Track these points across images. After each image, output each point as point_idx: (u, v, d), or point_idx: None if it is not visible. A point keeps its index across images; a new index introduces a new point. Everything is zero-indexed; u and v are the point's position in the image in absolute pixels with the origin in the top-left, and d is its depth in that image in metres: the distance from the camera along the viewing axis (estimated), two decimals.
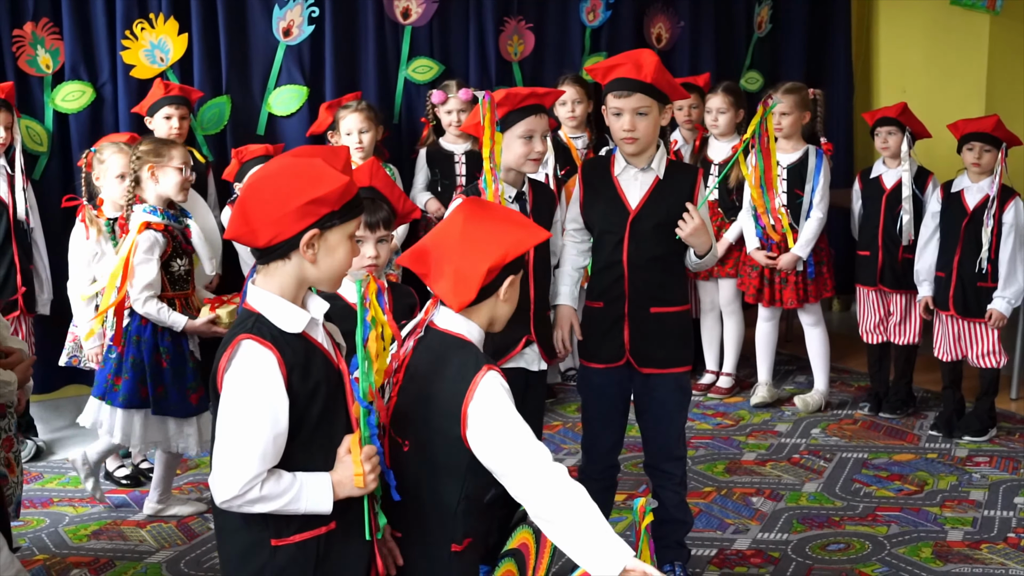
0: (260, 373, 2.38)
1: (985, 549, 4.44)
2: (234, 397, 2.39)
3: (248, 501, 2.38)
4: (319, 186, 2.39)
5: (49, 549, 4.50)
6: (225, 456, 2.38)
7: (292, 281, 2.47)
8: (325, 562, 2.51)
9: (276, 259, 2.45)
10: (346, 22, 6.31)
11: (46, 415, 5.92)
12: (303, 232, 2.41)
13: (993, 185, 5.39)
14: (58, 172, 5.78)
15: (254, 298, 2.48)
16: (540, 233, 2.80)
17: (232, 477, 2.36)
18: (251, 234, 2.43)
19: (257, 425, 2.37)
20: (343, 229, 2.47)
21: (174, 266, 4.47)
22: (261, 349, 2.39)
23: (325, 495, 2.44)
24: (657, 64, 3.79)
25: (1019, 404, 6.16)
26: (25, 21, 5.65)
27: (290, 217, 2.39)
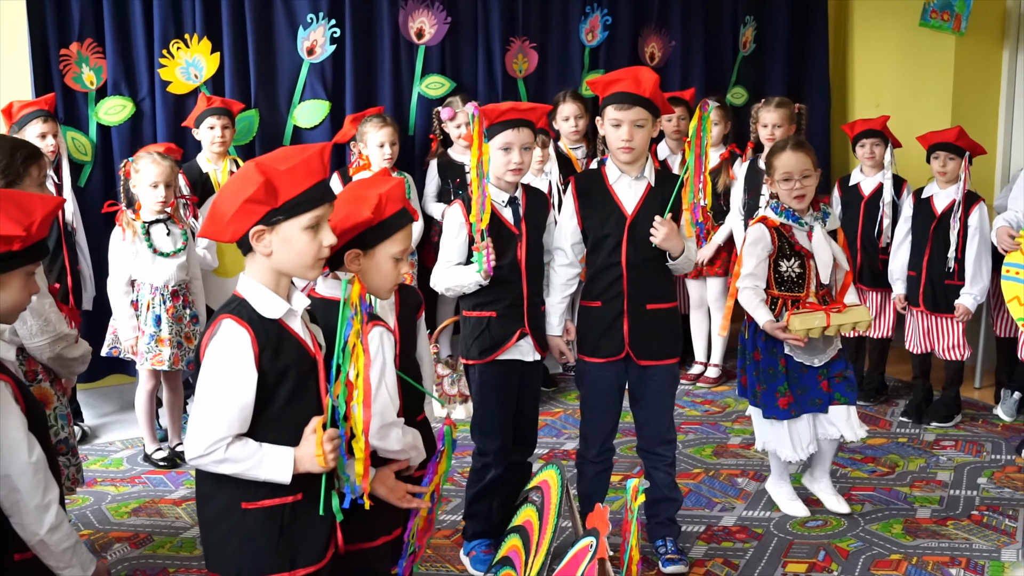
0: (234, 348, 2.45)
1: (951, 525, 4.45)
2: (210, 367, 2.47)
3: (214, 461, 2.45)
4: (246, 188, 2.44)
5: (93, 525, 4.52)
6: (198, 418, 2.46)
7: (266, 271, 2.53)
8: (289, 529, 2.56)
9: (248, 251, 2.53)
10: (365, 42, 6.31)
11: (92, 401, 5.93)
12: (250, 230, 2.48)
13: (959, 191, 5.41)
14: (101, 180, 5.78)
15: (242, 284, 2.55)
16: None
17: (201, 437, 2.44)
18: (218, 232, 2.53)
19: (227, 393, 2.45)
20: (295, 223, 2.49)
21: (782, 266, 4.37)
22: (238, 327, 2.46)
23: (285, 466, 2.49)
24: (656, 81, 3.81)
25: (982, 393, 6.15)
26: (71, 41, 5.66)
27: (235, 218, 2.46)
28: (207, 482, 2.56)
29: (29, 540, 2.44)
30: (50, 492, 2.45)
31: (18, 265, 2.47)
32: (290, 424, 2.53)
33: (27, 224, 2.42)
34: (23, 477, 2.39)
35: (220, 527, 2.57)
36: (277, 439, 2.52)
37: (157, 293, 4.95)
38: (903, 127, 6.17)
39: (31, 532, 2.43)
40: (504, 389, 3.96)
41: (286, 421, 2.53)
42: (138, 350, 4.97)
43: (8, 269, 2.45)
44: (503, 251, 3.84)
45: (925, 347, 5.67)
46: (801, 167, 4.24)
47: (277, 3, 6.07)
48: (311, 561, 2.60)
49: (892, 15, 7.39)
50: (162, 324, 4.95)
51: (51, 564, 2.49)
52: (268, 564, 2.55)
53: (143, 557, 4.23)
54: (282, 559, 2.56)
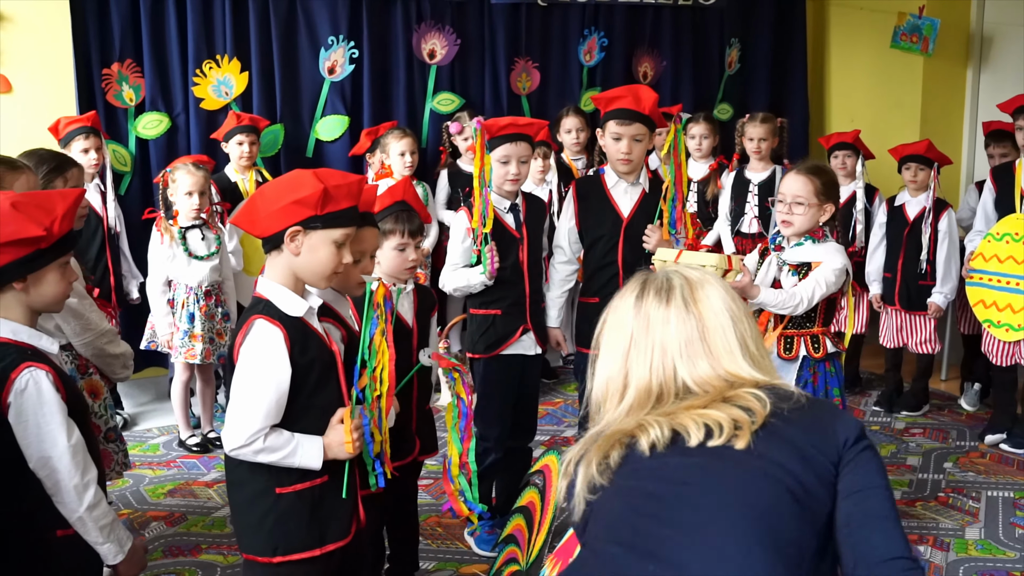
0: (270, 346, 2.46)
1: (920, 506, 4.43)
2: (248, 365, 2.47)
3: (253, 450, 2.46)
4: (300, 190, 2.46)
5: (132, 505, 4.51)
6: (237, 412, 2.46)
7: (287, 272, 2.54)
8: (319, 509, 2.58)
9: (273, 249, 2.53)
10: (381, 61, 6.30)
11: (131, 391, 5.92)
12: (288, 228, 2.48)
13: (929, 199, 5.40)
14: (140, 188, 5.78)
15: (263, 287, 2.56)
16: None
17: (241, 429, 2.44)
18: (251, 224, 2.53)
19: (265, 387, 2.46)
20: (327, 234, 2.52)
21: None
22: (271, 326, 2.47)
23: (317, 454, 2.52)
24: (655, 99, 3.83)
25: (948, 384, 6.13)
26: (112, 62, 5.66)
27: (278, 214, 2.47)
28: (240, 470, 2.55)
29: (70, 517, 2.43)
30: (88, 473, 2.44)
31: (50, 261, 2.45)
32: (315, 413, 2.56)
33: (49, 223, 2.41)
34: (62, 459, 2.38)
35: (254, 511, 2.57)
36: (303, 427, 2.53)
37: (192, 293, 4.95)
38: (876, 140, 6.15)
39: (71, 510, 2.42)
40: (506, 382, 3.95)
41: (312, 410, 2.55)
42: (173, 344, 4.97)
43: (42, 266, 2.44)
44: (506, 254, 3.84)
45: (898, 342, 5.66)
46: (792, 192, 3.63)
47: (301, 26, 6.07)
48: (339, 537, 2.62)
49: (865, 37, 7.39)
50: (195, 321, 4.95)
51: (90, 540, 2.48)
52: (300, 543, 2.56)
53: (178, 535, 4.22)
54: (313, 537, 2.57)
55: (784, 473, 1.72)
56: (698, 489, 1.73)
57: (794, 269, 3.56)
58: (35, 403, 2.36)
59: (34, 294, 2.45)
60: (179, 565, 3.96)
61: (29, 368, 2.36)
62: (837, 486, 1.74)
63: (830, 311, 3.63)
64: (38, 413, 2.36)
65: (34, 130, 5.24)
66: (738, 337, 1.86)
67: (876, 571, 1.68)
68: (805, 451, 1.74)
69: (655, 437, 1.77)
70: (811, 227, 3.61)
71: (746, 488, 1.72)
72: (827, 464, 1.74)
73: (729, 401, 1.79)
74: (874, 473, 1.75)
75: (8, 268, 2.38)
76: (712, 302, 1.87)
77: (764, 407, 1.77)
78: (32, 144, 5.11)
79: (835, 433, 1.76)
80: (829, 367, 3.59)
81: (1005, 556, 3.98)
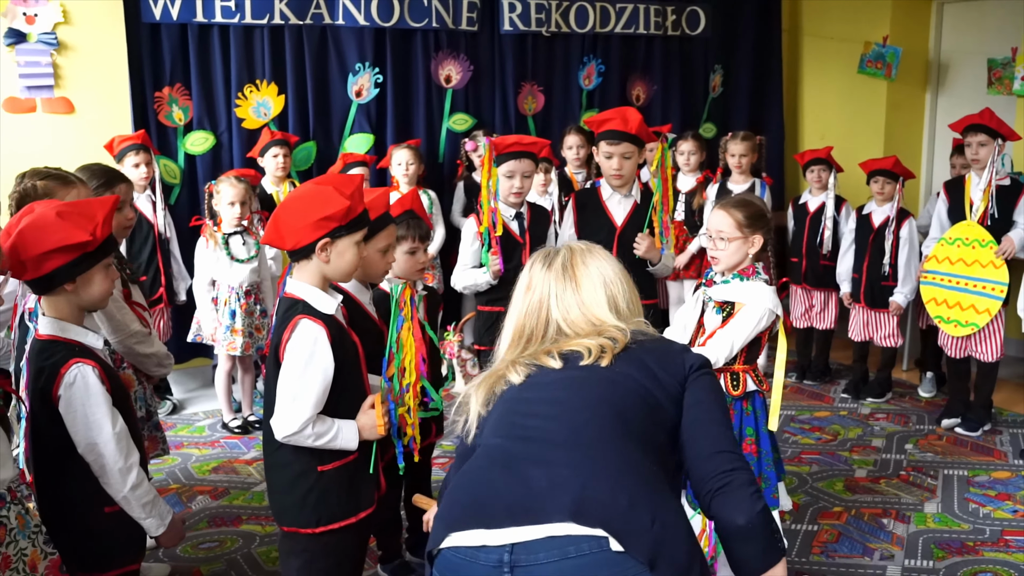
0: (316, 342, 2.44)
1: (883, 483, 4.39)
2: (297, 360, 2.43)
3: (304, 436, 2.46)
4: (327, 207, 2.44)
5: (180, 480, 4.49)
6: (289, 403, 2.44)
7: (317, 275, 2.52)
8: (351, 483, 2.59)
9: (302, 259, 2.51)
10: (403, 86, 6.27)
11: (180, 379, 5.91)
12: (317, 240, 2.46)
13: (893, 208, 5.37)
14: (188, 199, 5.76)
15: (296, 288, 2.52)
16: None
17: (293, 418, 2.43)
18: (279, 240, 2.50)
19: (314, 380, 2.44)
20: (350, 238, 2.51)
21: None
22: (314, 324, 2.45)
23: (354, 436, 2.54)
24: (640, 119, 3.78)
25: (908, 374, 6.07)
26: (164, 86, 5.64)
27: (307, 229, 2.45)
28: (282, 453, 2.53)
29: (115, 496, 2.41)
30: (131, 456, 2.42)
31: (96, 262, 2.43)
32: (346, 398, 2.55)
33: (92, 228, 2.39)
34: (108, 445, 2.36)
35: (297, 489, 2.55)
36: (336, 411, 2.53)
37: (233, 292, 4.93)
38: (844, 156, 6.10)
39: (116, 490, 2.40)
40: None
41: (344, 397, 2.54)
42: (217, 338, 4.96)
43: (89, 268, 2.41)
44: (510, 256, 3.80)
45: (865, 336, 5.63)
46: (715, 227, 3.15)
47: (331, 54, 6.04)
48: (368, 504, 2.64)
49: (835, 64, 7.34)
50: (237, 317, 4.92)
51: (134, 515, 2.46)
52: (340, 512, 2.57)
53: (221, 507, 4.20)
54: (349, 507, 2.59)
55: (638, 385, 1.96)
56: (565, 393, 1.96)
57: (719, 306, 3.12)
58: (83, 395, 2.34)
59: (83, 294, 2.43)
60: (222, 534, 3.94)
61: (77, 363, 2.34)
62: (682, 402, 1.98)
63: (753, 349, 3.11)
64: (86, 404, 2.34)
65: (93, 147, 5.23)
66: (608, 295, 2.12)
67: (704, 464, 1.92)
68: (657, 373, 1.98)
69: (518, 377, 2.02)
70: (740, 260, 3.11)
71: (606, 390, 1.95)
72: (675, 384, 1.98)
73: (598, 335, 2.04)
74: (708, 390, 2.01)
75: (60, 271, 2.36)
76: (590, 268, 2.14)
77: (626, 337, 2.03)
78: (90, 159, 5.11)
79: (683, 362, 2.02)
80: (747, 406, 3.10)
81: (960, 528, 3.93)
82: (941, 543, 3.80)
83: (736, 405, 3.09)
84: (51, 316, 2.40)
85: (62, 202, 2.57)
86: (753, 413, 3.10)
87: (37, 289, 2.40)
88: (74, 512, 2.43)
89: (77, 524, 2.43)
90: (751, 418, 3.10)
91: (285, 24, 5.85)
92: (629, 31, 6.97)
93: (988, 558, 3.68)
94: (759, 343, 3.12)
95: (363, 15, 6.01)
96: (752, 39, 7.53)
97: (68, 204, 2.49)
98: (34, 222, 2.34)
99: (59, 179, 3.00)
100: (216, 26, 5.69)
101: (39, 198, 2.86)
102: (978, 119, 4.80)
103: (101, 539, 2.46)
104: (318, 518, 2.54)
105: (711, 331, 3.10)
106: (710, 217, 3.23)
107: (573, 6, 6.73)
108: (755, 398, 3.12)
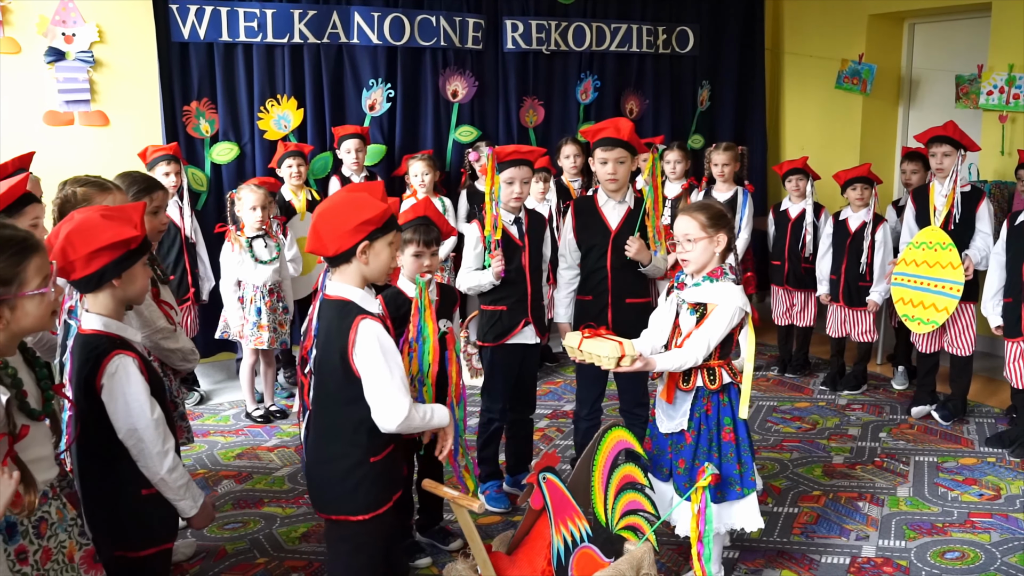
0: (384, 337, 2.47)
1: (859, 469, 4.39)
2: (376, 357, 2.46)
3: (414, 419, 2.51)
4: (365, 212, 2.47)
5: (207, 466, 4.50)
6: (387, 396, 2.46)
7: (358, 277, 2.54)
8: (390, 469, 2.63)
9: (343, 263, 2.52)
10: (413, 100, 6.28)
11: (207, 372, 5.92)
12: (358, 244, 2.48)
13: (868, 214, 5.37)
14: (214, 204, 5.77)
15: (341, 291, 2.53)
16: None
17: (399, 407, 2.47)
18: (322, 248, 2.52)
19: (395, 370, 2.48)
20: (385, 239, 2.53)
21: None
22: (376, 323, 2.48)
23: (445, 413, 2.66)
24: (631, 127, 3.77)
25: (883, 368, 6.07)
26: (192, 100, 5.65)
27: (348, 235, 2.47)
28: (336, 445, 2.54)
29: (152, 479, 2.42)
30: (168, 442, 2.43)
31: (138, 259, 2.46)
32: None
33: (135, 225, 2.43)
34: (147, 430, 2.37)
35: (350, 479, 2.56)
36: None
37: (257, 291, 4.94)
38: (822, 165, 6.11)
39: (153, 472, 2.41)
40: (508, 366, 3.93)
41: None
42: (244, 334, 4.97)
43: (132, 264, 2.44)
44: (510, 258, 3.81)
45: (842, 332, 5.63)
46: (681, 231, 3.14)
47: (347, 71, 6.05)
48: (400, 486, 2.74)
49: (814, 80, 7.35)
50: (262, 314, 4.94)
51: (169, 497, 2.47)
52: (383, 498, 2.60)
53: (244, 491, 4.21)
54: (389, 492, 2.63)
55: None
56: None
57: (692, 308, 3.11)
58: (124, 383, 2.35)
59: (128, 289, 2.45)
60: (246, 516, 3.95)
61: (118, 355, 2.36)
62: None
63: (726, 345, 3.11)
64: (127, 392, 2.35)
65: (126, 157, 5.25)
66: None
67: None
68: None
69: None
70: (708, 259, 3.11)
71: None
72: None
73: None
74: None
75: (108, 267, 2.38)
76: None
77: None
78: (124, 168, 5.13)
79: None
80: (723, 397, 3.11)
81: (929, 510, 3.94)
82: (912, 524, 3.82)
83: (713, 398, 3.11)
84: (95, 312, 2.42)
85: (102, 206, 2.58)
86: (729, 404, 3.12)
87: (85, 287, 2.41)
88: (114, 494, 2.44)
89: (117, 506, 2.44)
90: (728, 408, 3.11)
91: (304, 43, 5.86)
92: (623, 49, 6.98)
93: (956, 538, 3.69)
94: (732, 339, 3.13)
95: (376, 34, 6.02)
96: (737, 57, 7.54)
97: (108, 208, 2.51)
98: (81, 224, 2.37)
99: (97, 186, 3.02)
100: (240, 45, 5.71)
101: (79, 204, 2.88)
102: (942, 131, 4.81)
103: (138, 520, 2.46)
104: (367, 504, 2.56)
105: (687, 331, 3.11)
106: (676, 223, 3.18)
107: (571, 26, 6.74)
108: (730, 390, 3.13)
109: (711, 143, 6.54)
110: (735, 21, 7.48)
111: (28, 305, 1.93)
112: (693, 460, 3.10)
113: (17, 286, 1.90)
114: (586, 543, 2.87)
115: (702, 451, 3.09)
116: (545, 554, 2.93)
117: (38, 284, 1.94)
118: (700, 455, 3.09)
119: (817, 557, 3.55)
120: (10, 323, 1.91)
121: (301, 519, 3.91)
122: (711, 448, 3.09)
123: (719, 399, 3.11)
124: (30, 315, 1.94)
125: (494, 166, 3.75)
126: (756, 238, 6.45)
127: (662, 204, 4.01)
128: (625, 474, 2.99)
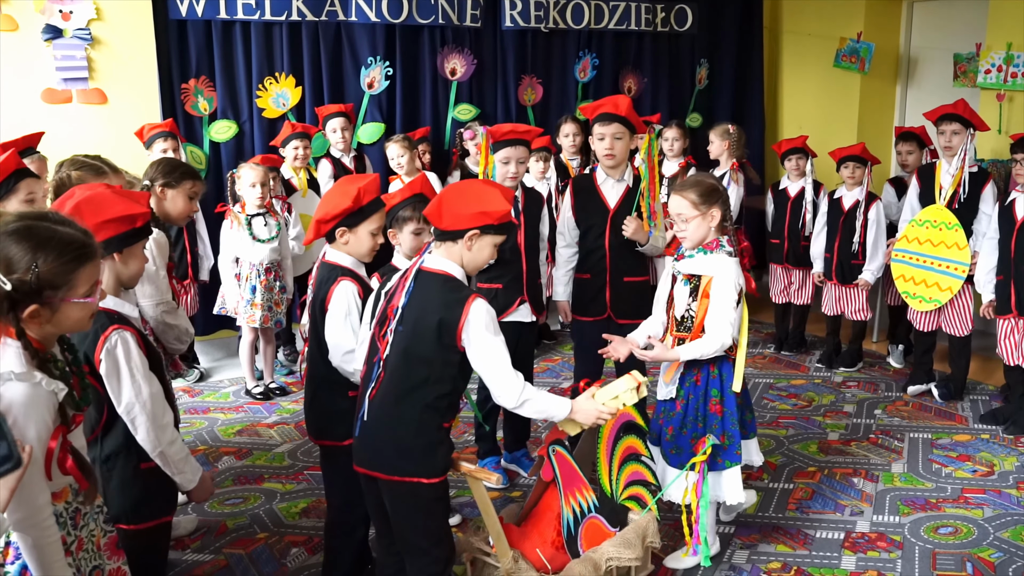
0: (489, 311, 2.49)
1: (854, 445, 4.40)
2: (487, 335, 2.48)
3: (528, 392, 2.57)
4: (490, 204, 2.52)
5: (207, 442, 4.51)
6: (505, 375, 2.53)
7: (458, 258, 2.56)
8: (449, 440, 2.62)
9: (448, 240, 2.54)
10: (411, 78, 6.24)
11: (207, 349, 5.92)
12: (470, 229, 2.51)
13: (863, 192, 5.34)
14: (213, 182, 5.73)
15: (440, 264, 2.56)
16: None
17: (516, 384, 2.54)
18: (438, 219, 2.54)
19: (505, 350, 2.53)
20: (492, 238, 2.57)
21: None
22: (485, 303, 2.49)
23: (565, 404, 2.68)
24: (629, 103, 3.75)
25: (878, 345, 6.08)
26: (190, 78, 5.62)
27: (464, 217, 2.51)
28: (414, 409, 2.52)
29: (151, 452, 2.42)
30: (166, 416, 2.43)
31: (141, 238, 2.45)
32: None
33: (143, 203, 2.42)
34: (146, 404, 2.36)
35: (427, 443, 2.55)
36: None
37: (255, 269, 4.92)
38: (820, 144, 6.09)
39: (152, 446, 2.40)
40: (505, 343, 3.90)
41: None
42: (238, 311, 4.95)
43: (135, 242, 2.43)
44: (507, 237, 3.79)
45: (837, 310, 5.61)
46: (674, 210, 3.14)
47: (345, 49, 6.00)
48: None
49: (812, 59, 7.31)
50: (257, 292, 4.92)
51: (168, 470, 2.47)
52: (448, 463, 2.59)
53: (245, 467, 4.22)
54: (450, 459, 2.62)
55: None
56: None
57: (687, 279, 3.15)
58: (123, 357, 2.34)
59: (130, 265, 2.45)
60: (246, 491, 3.96)
61: (116, 330, 2.34)
62: None
63: None
64: (125, 366, 2.34)
65: (124, 135, 5.22)
66: None
67: None
68: None
69: None
70: (704, 235, 3.11)
71: None
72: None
73: None
74: None
75: (113, 240, 2.37)
76: None
77: None
78: (122, 146, 5.14)
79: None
80: (714, 370, 3.11)
81: (924, 486, 3.95)
82: (906, 500, 3.83)
83: (704, 369, 3.13)
84: None
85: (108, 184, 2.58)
86: (719, 376, 3.13)
87: None
88: (113, 468, 2.45)
89: (116, 479, 2.45)
90: (716, 380, 3.13)
91: (302, 20, 5.82)
92: (621, 28, 6.93)
93: (949, 513, 3.70)
94: None
95: (374, 12, 5.97)
96: (735, 36, 7.49)
97: (113, 186, 2.51)
98: (91, 197, 2.37)
99: (92, 169, 3.01)
100: (238, 22, 5.67)
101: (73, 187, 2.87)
102: (952, 109, 4.76)
103: (137, 493, 2.47)
104: (444, 468, 2.57)
105: (681, 302, 3.15)
106: (669, 203, 3.19)
107: (570, 4, 6.69)
108: (723, 363, 3.14)
109: (709, 121, 6.52)
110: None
111: (71, 310, 1.90)
112: (680, 429, 3.15)
113: (65, 290, 1.87)
114: (593, 513, 2.93)
115: (689, 420, 3.14)
116: (555, 525, 2.97)
117: (85, 292, 1.90)
118: (687, 424, 3.13)
119: (812, 532, 3.56)
120: (48, 322, 1.88)
121: (301, 495, 3.92)
122: (697, 419, 3.13)
123: (709, 371, 3.13)
124: (71, 319, 1.91)
125: (488, 145, 3.73)
126: (753, 216, 6.45)
127: (659, 183, 3.99)
128: (628, 445, 3.04)
